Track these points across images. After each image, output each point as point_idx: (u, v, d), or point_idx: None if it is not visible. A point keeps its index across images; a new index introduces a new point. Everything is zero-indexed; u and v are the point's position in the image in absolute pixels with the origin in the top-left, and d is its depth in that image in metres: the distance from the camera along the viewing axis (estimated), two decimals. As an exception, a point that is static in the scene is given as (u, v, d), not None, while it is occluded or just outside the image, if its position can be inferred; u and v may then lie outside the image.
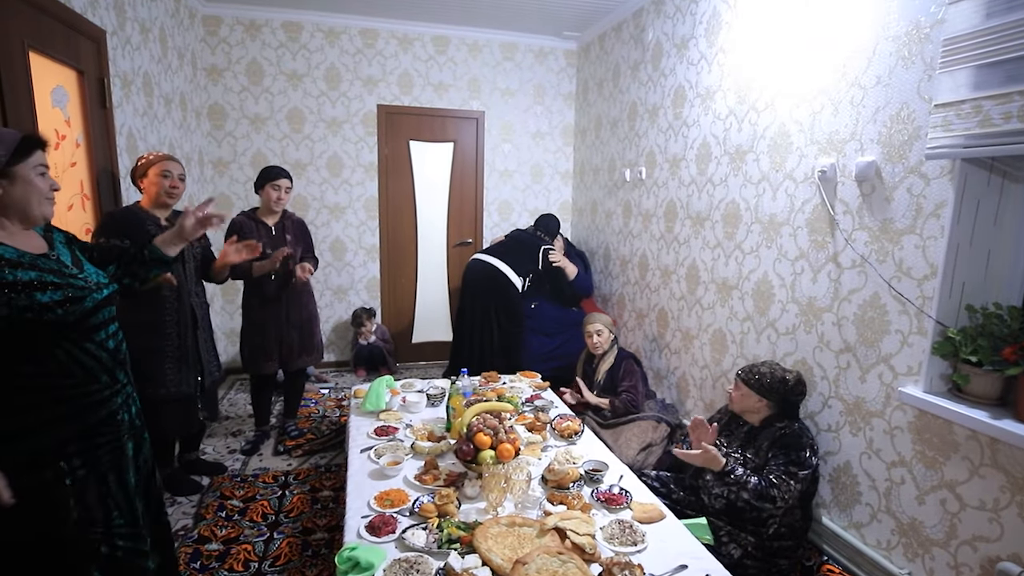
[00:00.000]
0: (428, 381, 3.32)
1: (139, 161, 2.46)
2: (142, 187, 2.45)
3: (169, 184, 2.44)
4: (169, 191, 2.44)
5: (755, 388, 2.23)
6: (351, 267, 4.72)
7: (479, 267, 3.93)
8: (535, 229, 4.21)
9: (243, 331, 3.10)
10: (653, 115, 3.69)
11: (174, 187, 2.45)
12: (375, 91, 4.54)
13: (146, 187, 2.43)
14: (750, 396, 2.25)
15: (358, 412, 2.89)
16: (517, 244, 4.08)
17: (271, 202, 2.98)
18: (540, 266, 4.00)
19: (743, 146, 2.85)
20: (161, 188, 2.42)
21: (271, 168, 3.01)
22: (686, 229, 3.36)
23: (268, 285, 3.00)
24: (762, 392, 2.24)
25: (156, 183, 2.41)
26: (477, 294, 3.88)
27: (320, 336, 3.31)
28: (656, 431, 3.09)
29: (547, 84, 4.91)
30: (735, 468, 2.16)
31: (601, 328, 3.34)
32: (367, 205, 4.67)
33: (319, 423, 3.55)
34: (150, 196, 2.44)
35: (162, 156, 2.46)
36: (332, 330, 4.76)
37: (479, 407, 2.34)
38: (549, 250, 4.03)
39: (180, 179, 2.48)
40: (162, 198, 2.44)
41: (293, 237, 3.08)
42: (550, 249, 4.04)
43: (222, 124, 4.28)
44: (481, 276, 3.90)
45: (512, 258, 3.94)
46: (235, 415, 3.75)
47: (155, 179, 2.41)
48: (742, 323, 2.88)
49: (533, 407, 2.99)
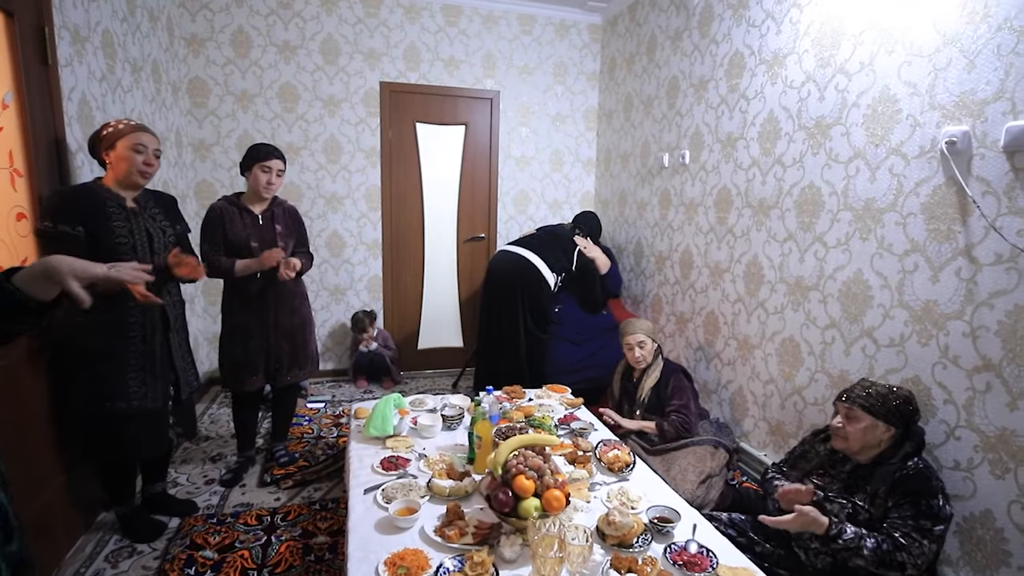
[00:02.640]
0: (441, 398, 2.83)
1: (104, 130, 1.97)
2: (108, 161, 1.97)
3: (143, 160, 1.97)
4: (142, 169, 1.98)
5: (881, 415, 1.74)
6: (350, 264, 4.22)
7: (507, 259, 3.46)
8: (573, 227, 3.77)
9: (222, 340, 2.59)
10: (700, 90, 3.20)
11: (149, 164, 2.00)
12: (378, 66, 4.03)
13: (113, 162, 1.96)
14: (875, 427, 1.75)
15: (360, 437, 2.40)
16: (552, 237, 3.61)
17: (260, 186, 2.48)
18: (575, 266, 3.52)
19: (826, 118, 2.36)
20: (132, 165, 1.95)
21: (261, 146, 2.50)
22: (745, 220, 2.87)
23: (251, 285, 2.49)
24: (890, 419, 1.75)
25: (126, 158, 1.95)
26: (505, 291, 3.39)
27: (315, 345, 2.80)
28: (714, 458, 2.60)
29: (568, 62, 4.42)
30: (843, 529, 1.67)
31: (644, 339, 2.85)
32: (368, 195, 4.17)
33: (313, 446, 3.05)
34: (117, 173, 1.97)
35: (134, 126, 1.99)
36: (328, 335, 4.25)
37: (517, 441, 1.85)
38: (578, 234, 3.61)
39: (156, 155, 2.03)
40: (132, 177, 1.97)
41: (284, 228, 2.57)
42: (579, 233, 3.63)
43: (204, 101, 3.77)
44: (509, 269, 3.43)
45: (545, 252, 3.47)
46: (216, 435, 3.24)
47: (125, 153, 1.95)
48: (824, 331, 2.39)
49: (569, 431, 2.50)
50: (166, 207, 2.19)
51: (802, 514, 1.68)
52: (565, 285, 3.61)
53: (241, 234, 2.45)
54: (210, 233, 2.45)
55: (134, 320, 2.00)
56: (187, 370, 2.26)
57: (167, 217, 2.16)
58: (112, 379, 1.97)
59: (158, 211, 2.13)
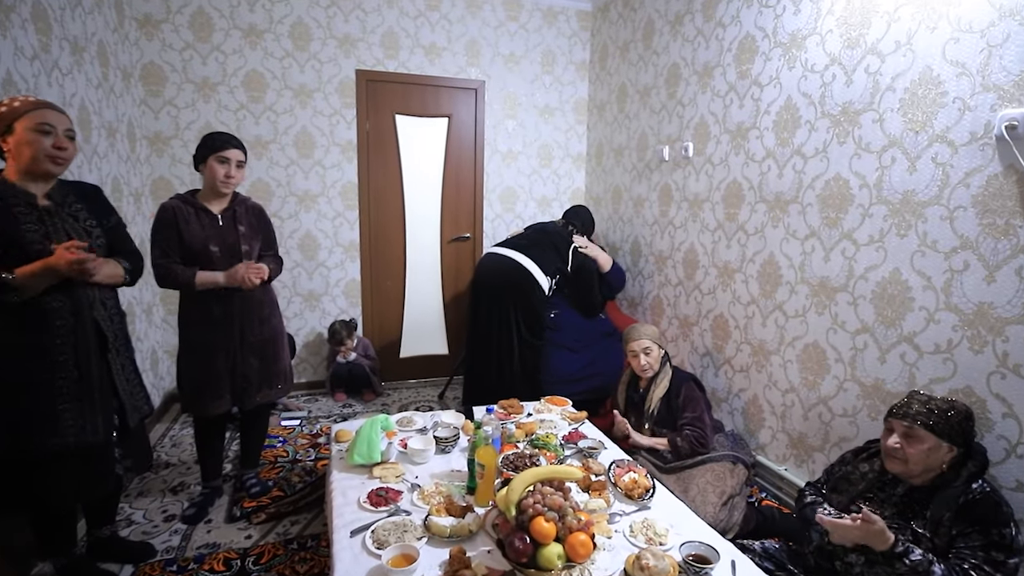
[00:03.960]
0: (431, 415, 2.56)
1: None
2: (6, 149, 1.61)
3: (52, 144, 1.61)
4: (52, 154, 1.61)
5: (945, 434, 1.54)
6: (325, 268, 3.89)
7: (496, 263, 3.18)
8: (565, 223, 3.51)
9: (180, 359, 2.26)
10: (705, 77, 2.98)
11: (60, 148, 1.62)
12: (353, 53, 3.72)
13: (13, 149, 1.59)
14: (938, 448, 1.55)
15: (342, 466, 2.11)
16: (543, 236, 3.34)
17: (217, 181, 2.16)
18: (570, 267, 3.27)
19: (854, 104, 2.16)
20: (39, 150, 1.59)
21: (216, 135, 2.18)
22: (758, 216, 2.66)
23: (213, 295, 2.17)
24: (953, 438, 1.55)
25: (30, 143, 1.58)
26: (495, 296, 3.12)
27: (287, 360, 2.49)
28: (734, 476, 2.38)
29: (557, 50, 4.17)
30: (910, 548, 1.47)
31: (649, 345, 2.62)
32: (344, 192, 3.85)
33: (288, 472, 2.73)
34: (20, 162, 1.60)
35: (36, 102, 1.62)
36: (304, 345, 3.92)
37: (532, 476, 1.59)
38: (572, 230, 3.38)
39: (68, 137, 1.65)
40: (41, 165, 1.61)
41: (248, 229, 2.25)
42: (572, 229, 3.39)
43: (160, 90, 3.41)
44: (499, 274, 3.15)
45: (537, 253, 3.20)
46: (178, 460, 2.89)
47: (28, 136, 1.58)
48: (854, 336, 2.20)
49: (577, 450, 2.26)
50: (89, 199, 1.81)
51: (869, 522, 1.46)
52: (560, 287, 3.37)
53: (199, 237, 2.13)
54: (162, 237, 2.12)
55: (61, 342, 1.64)
56: (134, 394, 1.93)
57: (92, 213, 1.79)
58: (39, 413, 1.63)
59: (80, 207, 1.77)
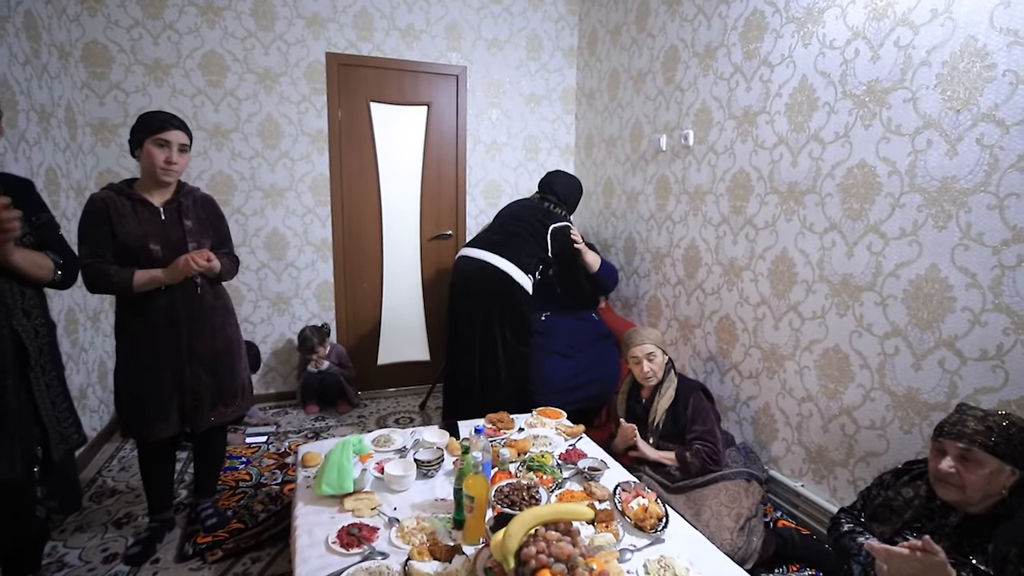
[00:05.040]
0: (411, 431, 2.29)
1: None
2: None
3: None
4: None
5: (1007, 456, 1.32)
6: (295, 269, 3.58)
7: (470, 268, 2.81)
8: (540, 198, 3.05)
9: (118, 376, 1.94)
10: (707, 59, 2.75)
11: None
12: (323, 34, 3.42)
13: None
14: (999, 472, 1.32)
15: (309, 496, 1.83)
16: (517, 225, 2.92)
17: (156, 168, 1.84)
18: (550, 251, 2.90)
19: (881, 82, 1.94)
20: None
21: (154, 115, 1.87)
22: (769, 208, 2.44)
23: (155, 300, 1.86)
24: (1017, 460, 1.33)
25: None
26: (473, 306, 2.78)
27: (245, 374, 2.18)
28: (749, 495, 2.16)
29: (543, 35, 3.91)
30: None
31: (653, 350, 2.39)
32: (315, 187, 3.54)
33: (250, 500, 2.42)
34: None
35: None
36: (272, 353, 3.60)
37: (533, 517, 1.32)
38: (569, 228, 2.98)
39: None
40: None
41: (195, 223, 1.95)
42: (569, 227, 2.98)
43: (105, 72, 3.06)
44: (475, 281, 2.79)
45: (513, 250, 2.81)
46: (127, 487, 2.57)
47: None
48: (883, 341, 1.98)
49: (576, 471, 2.00)
50: (16, 194, 1.52)
51: (931, 552, 1.23)
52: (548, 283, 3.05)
53: (136, 233, 1.82)
54: (91, 233, 1.80)
55: None
56: (61, 420, 1.62)
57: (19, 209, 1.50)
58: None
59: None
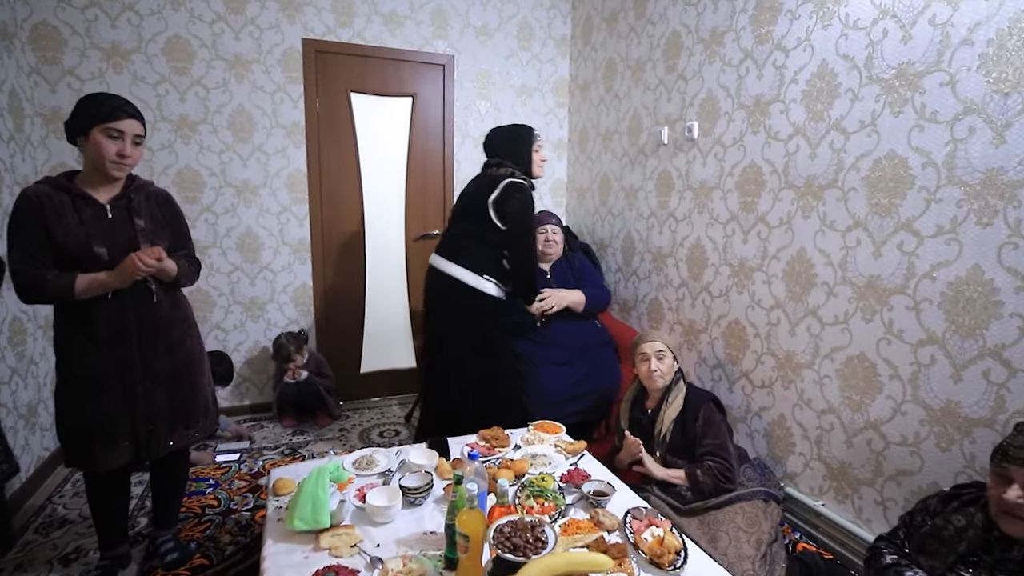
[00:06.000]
0: (396, 451, 2.07)
1: None
2: None
3: None
4: None
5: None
6: (270, 272, 3.33)
7: (433, 281, 2.49)
8: (485, 165, 2.51)
9: (57, 396, 1.69)
10: (713, 45, 2.57)
11: None
12: (299, 19, 3.17)
13: None
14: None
15: (280, 531, 1.61)
16: (466, 215, 2.48)
17: (105, 162, 1.60)
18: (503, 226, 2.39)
19: (914, 65, 1.77)
20: None
21: (103, 98, 1.62)
22: (784, 205, 2.26)
23: (101, 310, 1.62)
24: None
25: None
26: (437, 328, 2.50)
27: (208, 390, 1.94)
28: (767, 517, 1.98)
29: (535, 23, 3.71)
30: None
31: (663, 350, 2.21)
32: (291, 183, 3.30)
33: (218, 529, 2.18)
34: None
35: None
36: (246, 362, 3.35)
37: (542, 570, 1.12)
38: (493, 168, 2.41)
39: None
40: None
41: (148, 223, 1.70)
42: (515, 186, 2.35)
43: (57, 57, 2.79)
44: (439, 297, 2.48)
45: (465, 249, 2.41)
46: (79, 516, 2.31)
47: None
48: (916, 349, 1.80)
49: (581, 496, 1.80)
50: None
51: None
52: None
53: (77, 234, 1.58)
54: (23, 233, 1.55)
55: None
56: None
57: None
58: None
59: None
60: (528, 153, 2.47)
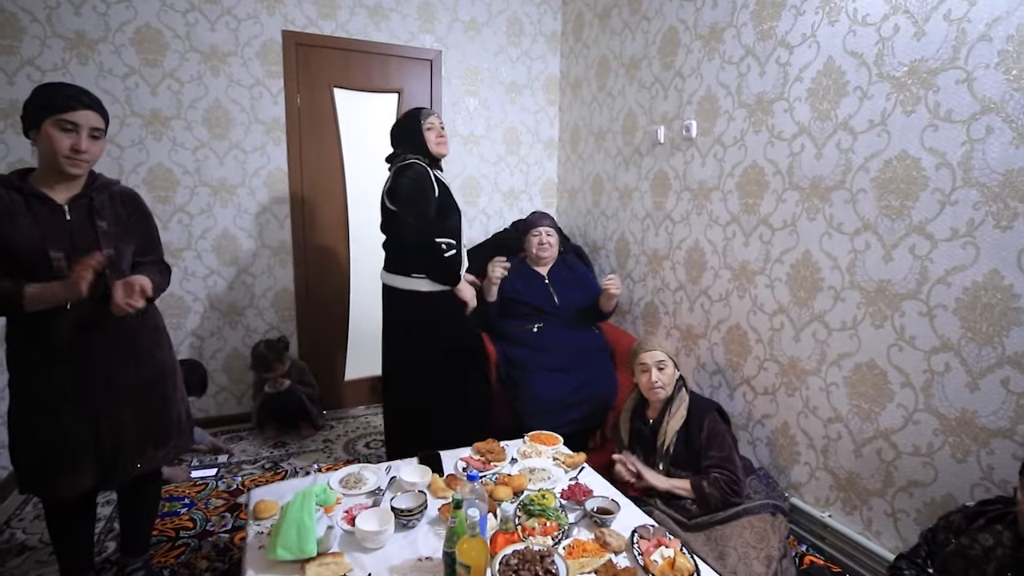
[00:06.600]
0: (386, 466, 1.95)
1: None
2: None
3: None
4: None
5: None
6: (249, 276, 3.17)
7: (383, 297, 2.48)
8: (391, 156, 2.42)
9: (11, 416, 1.53)
10: (712, 41, 2.49)
11: None
12: (279, 10, 3.02)
13: None
14: None
15: (261, 561, 1.48)
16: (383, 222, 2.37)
17: (59, 157, 1.44)
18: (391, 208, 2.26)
19: (927, 62, 1.71)
20: None
21: (56, 88, 1.46)
22: (788, 206, 2.19)
23: (59, 322, 1.47)
24: None
25: None
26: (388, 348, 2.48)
27: (183, 406, 1.80)
28: (775, 530, 1.90)
29: (524, 18, 3.61)
30: None
31: (664, 359, 2.12)
32: (271, 182, 3.14)
33: (192, 555, 2.03)
34: None
35: None
36: (222, 370, 3.18)
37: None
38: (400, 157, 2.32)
39: None
40: None
41: (112, 225, 1.55)
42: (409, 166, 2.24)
43: (15, 46, 2.60)
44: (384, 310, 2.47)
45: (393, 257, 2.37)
46: (40, 542, 2.14)
47: None
48: (930, 356, 1.74)
49: (583, 514, 1.70)
50: None
51: None
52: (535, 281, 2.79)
53: (30, 237, 1.42)
54: None
55: None
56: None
57: None
58: None
59: None
60: (419, 132, 2.31)
